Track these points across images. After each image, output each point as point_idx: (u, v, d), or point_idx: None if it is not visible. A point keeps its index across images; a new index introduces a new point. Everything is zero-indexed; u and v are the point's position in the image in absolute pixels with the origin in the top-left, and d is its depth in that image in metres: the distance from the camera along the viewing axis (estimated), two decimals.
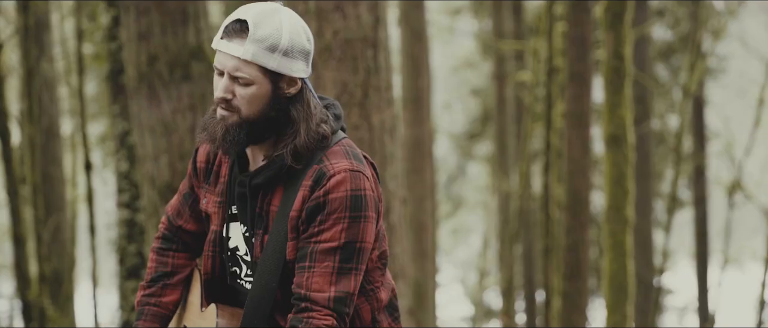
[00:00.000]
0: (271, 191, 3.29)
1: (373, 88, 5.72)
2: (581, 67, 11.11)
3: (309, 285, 3.21)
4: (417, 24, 13.09)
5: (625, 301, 8.91)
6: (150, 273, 3.55)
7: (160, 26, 6.59)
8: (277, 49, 3.18)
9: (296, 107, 3.25)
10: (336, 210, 3.20)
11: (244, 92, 3.21)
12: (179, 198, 3.56)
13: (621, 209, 8.88)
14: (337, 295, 3.21)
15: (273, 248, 3.26)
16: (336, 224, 3.20)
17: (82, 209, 17.26)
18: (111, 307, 15.69)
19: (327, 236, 3.20)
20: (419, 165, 12.75)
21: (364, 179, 3.24)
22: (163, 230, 3.59)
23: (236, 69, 3.19)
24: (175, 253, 3.56)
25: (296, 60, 3.22)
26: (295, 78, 3.24)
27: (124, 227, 10.46)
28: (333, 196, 3.20)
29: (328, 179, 3.21)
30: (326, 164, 3.23)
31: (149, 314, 3.52)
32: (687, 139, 20.21)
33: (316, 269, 3.21)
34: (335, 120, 3.33)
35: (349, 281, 3.23)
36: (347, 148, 3.29)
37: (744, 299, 24.45)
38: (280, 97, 3.24)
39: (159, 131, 6.59)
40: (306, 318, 3.20)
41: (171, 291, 3.54)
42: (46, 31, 13.70)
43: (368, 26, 5.71)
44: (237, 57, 3.18)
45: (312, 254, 3.21)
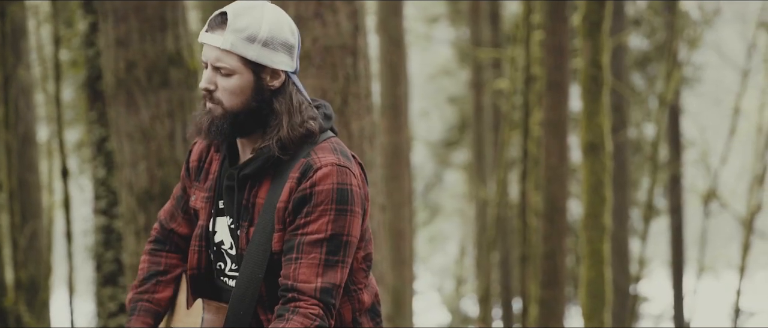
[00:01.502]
0: (259, 183, 3.33)
1: (353, 95, 5.73)
2: (559, 76, 11.15)
3: (296, 276, 3.24)
4: (395, 31, 13.12)
5: (602, 308, 8.94)
6: (142, 273, 3.57)
7: (138, 33, 6.59)
8: (256, 40, 3.23)
9: (278, 100, 3.29)
10: (322, 202, 3.24)
11: (226, 83, 3.26)
12: (172, 202, 3.60)
13: (598, 216, 8.92)
14: (324, 286, 3.24)
15: (259, 240, 3.29)
16: (322, 215, 3.24)
17: (58, 215, 17.18)
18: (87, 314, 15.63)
19: (313, 228, 3.24)
20: (397, 172, 12.78)
21: (350, 174, 3.27)
22: (155, 235, 3.61)
23: (217, 59, 3.25)
24: (167, 253, 3.58)
25: (277, 52, 3.27)
26: (278, 70, 3.29)
27: (101, 233, 10.44)
28: (319, 188, 3.24)
29: (315, 172, 3.25)
30: (313, 157, 3.27)
31: (142, 310, 3.53)
32: (663, 147, 20.30)
33: (303, 260, 3.24)
34: (325, 119, 3.37)
35: (335, 273, 3.26)
36: (335, 145, 3.33)
37: (719, 307, 24.57)
38: (263, 89, 3.28)
39: (137, 138, 6.58)
40: (293, 307, 3.23)
41: (164, 288, 3.56)
42: (22, 37, 13.64)
43: (348, 34, 5.72)
44: (217, 47, 3.24)
45: (299, 246, 3.25)
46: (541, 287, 11.35)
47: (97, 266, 10.55)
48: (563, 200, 11.39)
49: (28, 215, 13.05)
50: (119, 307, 10.37)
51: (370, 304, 3.46)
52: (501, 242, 18.96)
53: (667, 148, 20.95)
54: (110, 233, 10.34)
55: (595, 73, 8.89)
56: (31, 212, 13.19)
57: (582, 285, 9.13)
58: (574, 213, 19.27)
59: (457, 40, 24.63)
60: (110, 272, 10.36)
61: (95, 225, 10.59)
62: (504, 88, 17.21)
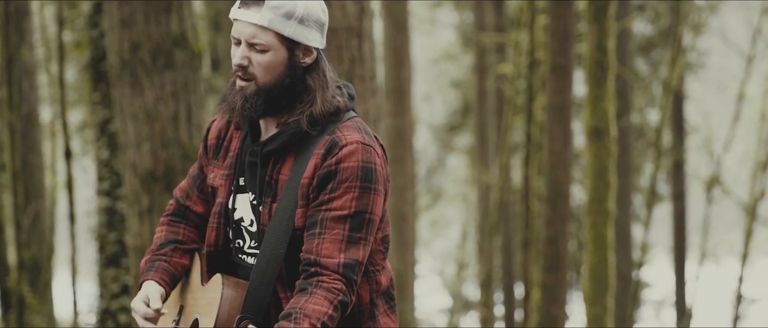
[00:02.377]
0: (282, 159, 3.34)
1: (358, 77, 5.73)
2: (563, 60, 11.12)
3: (319, 251, 3.26)
4: (399, 15, 13.10)
5: (605, 293, 8.94)
6: (159, 240, 3.55)
7: (143, 14, 6.58)
8: (292, 17, 3.27)
9: (312, 76, 3.32)
10: (347, 179, 3.25)
11: (261, 59, 3.28)
12: (188, 180, 3.60)
13: (603, 201, 8.91)
14: (347, 261, 3.26)
15: (282, 216, 3.30)
16: (347, 192, 3.25)
17: (61, 196, 17.19)
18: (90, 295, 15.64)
19: (337, 204, 3.26)
20: (401, 155, 12.77)
21: (374, 153, 3.30)
22: (171, 209, 3.61)
23: (253, 36, 3.27)
24: (185, 226, 3.59)
25: (311, 29, 3.30)
26: (311, 47, 3.32)
27: (104, 214, 10.44)
28: (344, 165, 3.25)
29: (341, 149, 3.26)
30: (338, 134, 3.29)
31: (160, 268, 3.50)
32: (666, 133, 20.28)
33: (326, 235, 3.26)
34: (349, 99, 3.40)
35: (358, 249, 3.28)
36: (359, 124, 3.35)
37: (721, 294, 24.58)
38: (296, 66, 3.31)
39: (141, 119, 6.58)
40: (316, 281, 3.24)
41: (182, 255, 3.55)
42: (26, 17, 13.63)
43: (353, 16, 5.72)
44: (254, 24, 3.26)
45: (322, 221, 3.26)
46: (544, 272, 11.35)
47: (100, 247, 10.56)
48: (566, 185, 11.38)
49: (31, 195, 13.06)
50: (122, 288, 10.38)
51: (385, 287, 3.47)
52: (503, 227, 18.95)
53: (671, 134, 20.93)
54: (113, 214, 10.35)
55: (600, 57, 8.88)
56: (34, 193, 13.20)
57: (585, 270, 9.13)
58: (577, 198, 19.26)
59: (461, 24, 24.59)
60: (113, 254, 10.37)
61: (98, 206, 10.60)
62: (508, 72, 17.19)
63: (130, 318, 10.24)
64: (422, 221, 28.73)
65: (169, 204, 3.63)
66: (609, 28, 8.93)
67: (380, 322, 3.45)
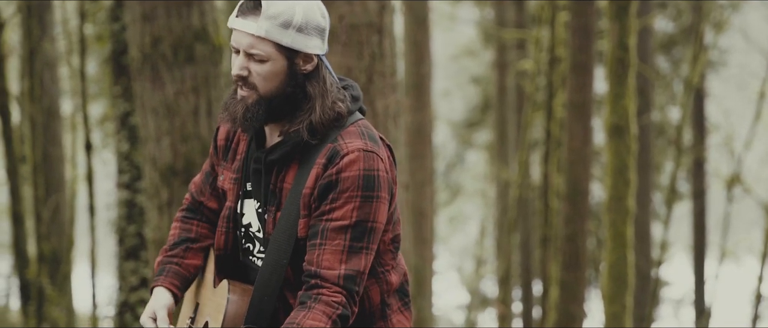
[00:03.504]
0: (286, 167, 3.31)
1: (378, 73, 5.72)
2: (584, 57, 11.08)
3: (319, 262, 3.22)
4: (420, 10, 13.08)
5: (624, 291, 8.91)
6: (173, 238, 3.56)
7: (164, 8, 6.58)
8: (290, 26, 3.21)
9: (312, 84, 3.27)
10: (348, 189, 3.21)
11: (260, 69, 3.24)
12: (201, 176, 3.60)
13: (622, 199, 8.88)
14: (347, 273, 3.22)
15: (285, 225, 3.27)
16: (347, 202, 3.21)
17: (81, 189, 17.25)
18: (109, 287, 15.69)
19: (338, 215, 3.22)
20: (420, 151, 12.76)
21: (377, 159, 3.25)
22: (186, 204, 3.61)
23: (251, 46, 3.22)
24: (199, 222, 3.58)
25: (311, 36, 3.24)
26: (311, 54, 3.27)
27: (123, 207, 10.47)
28: (345, 174, 3.21)
29: (342, 158, 3.22)
30: (340, 142, 3.25)
31: (171, 272, 3.50)
32: (687, 131, 20.21)
33: (326, 246, 3.22)
34: (353, 101, 3.35)
35: (359, 259, 3.24)
36: (363, 128, 3.30)
37: (740, 293, 24.49)
38: (296, 74, 3.26)
39: (162, 113, 6.58)
40: (315, 294, 3.21)
41: (194, 255, 3.55)
42: (48, 10, 13.67)
43: (374, 12, 5.71)
44: (251, 34, 3.21)
45: (323, 232, 3.23)
46: (562, 270, 11.32)
47: (119, 240, 10.60)
48: (586, 183, 11.35)
49: (51, 188, 13.11)
50: (141, 281, 10.41)
51: (398, 284, 3.45)
52: (522, 224, 18.92)
53: (691, 132, 20.85)
54: (133, 207, 10.38)
55: (621, 55, 8.85)
56: (54, 186, 13.25)
57: (604, 268, 9.10)
58: (596, 196, 19.21)
59: (482, 20, 24.55)
60: (132, 247, 10.40)
61: (118, 199, 10.63)
62: (528, 69, 17.15)
63: None
64: (441, 217, 28.72)
65: (185, 198, 3.63)
66: (630, 25, 8.89)
67: (393, 321, 3.43)
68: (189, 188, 3.63)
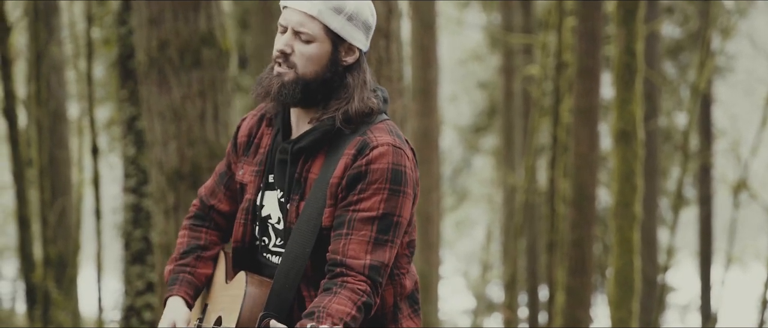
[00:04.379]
0: (312, 157, 3.33)
1: (385, 78, 5.72)
2: (591, 63, 11.06)
3: (345, 252, 3.24)
4: (427, 15, 13.08)
5: (631, 297, 8.89)
6: (181, 247, 3.56)
7: (171, 12, 6.58)
8: (342, 12, 3.27)
9: (352, 74, 3.32)
10: (377, 180, 3.24)
11: (304, 49, 3.27)
12: (214, 178, 3.60)
13: (629, 205, 8.87)
14: (373, 263, 3.24)
15: (309, 215, 3.29)
16: (376, 194, 3.24)
17: (88, 192, 17.25)
18: (115, 292, 15.70)
19: (366, 205, 3.24)
20: (427, 156, 12.75)
21: (405, 156, 3.28)
22: (194, 211, 3.61)
23: (300, 24, 3.26)
24: (207, 230, 3.59)
25: (357, 29, 3.30)
26: (354, 47, 3.31)
27: (130, 211, 10.47)
28: (375, 166, 3.24)
29: (372, 150, 3.25)
30: (370, 135, 3.28)
31: (184, 281, 3.51)
32: (694, 137, 20.18)
33: (353, 236, 3.24)
34: (383, 102, 3.39)
35: (384, 252, 3.26)
36: (391, 127, 3.34)
37: (746, 299, 24.45)
38: (338, 62, 3.30)
39: (168, 117, 6.58)
40: (341, 281, 3.23)
41: (204, 264, 3.55)
42: (55, 14, 13.70)
43: (381, 17, 5.71)
44: (303, 12, 3.26)
45: (350, 222, 3.25)
46: (569, 275, 11.30)
47: (125, 244, 10.60)
48: (592, 188, 11.32)
49: (57, 191, 13.12)
50: (147, 285, 10.41)
51: (410, 290, 3.46)
52: (528, 229, 18.91)
53: (698, 138, 20.83)
54: (139, 211, 10.38)
55: (628, 60, 8.83)
56: (60, 189, 13.26)
57: (611, 273, 9.08)
58: (603, 201, 19.19)
59: (489, 24, 24.55)
60: (138, 251, 10.40)
61: (124, 203, 10.63)
62: (535, 74, 17.14)
63: (154, 316, 10.27)
64: (447, 222, 28.71)
65: (193, 205, 3.63)
66: (637, 30, 8.88)
67: (403, 325, 3.44)
68: (198, 193, 3.63)
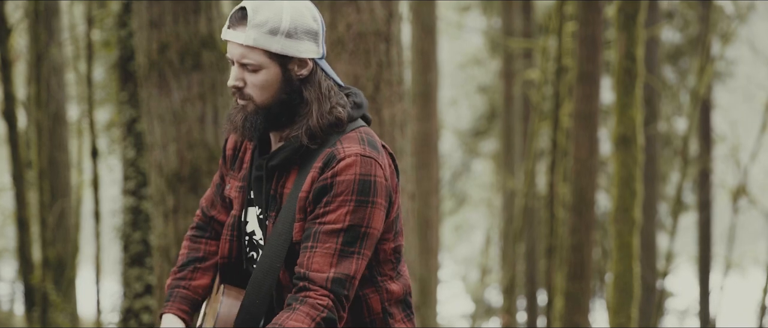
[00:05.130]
0: (286, 173, 3.30)
1: (385, 82, 5.71)
2: (591, 67, 11.07)
3: (309, 265, 3.20)
4: (427, 19, 13.07)
5: (630, 303, 8.89)
6: (182, 259, 3.55)
7: (171, 14, 6.57)
8: (278, 32, 3.19)
9: (308, 88, 3.25)
10: (342, 192, 3.19)
11: (254, 79, 3.22)
12: (212, 188, 3.59)
13: (628, 210, 8.86)
14: (336, 276, 3.20)
15: (281, 229, 3.26)
16: (341, 206, 3.19)
17: (87, 195, 17.26)
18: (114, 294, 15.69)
19: (331, 218, 3.20)
20: (426, 160, 12.74)
21: (375, 165, 3.22)
22: (197, 221, 3.60)
23: (242, 56, 3.20)
24: (207, 240, 3.57)
25: (302, 41, 3.22)
26: (305, 59, 3.24)
27: (129, 214, 10.47)
28: (340, 178, 3.19)
29: (338, 162, 3.20)
30: (338, 147, 3.23)
31: (178, 297, 3.50)
32: (693, 142, 20.18)
33: (317, 249, 3.20)
34: (354, 107, 3.32)
35: (350, 264, 3.21)
36: (363, 134, 3.28)
37: (745, 304, 24.44)
38: (292, 80, 3.24)
39: (168, 120, 6.57)
40: (303, 297, 3.19)
41: (201, 275, 3.54)
42: (55, 16, 13.69)
43: (381, 20, 5.70)
44: (240, 44, 3.20)
45: (315, 235, 3.21)
46: (567, 280, 11.30)
47: (124, 246, 10.59)
48: (592, 193, 11.32)
49: (56, 193, 13.12)
50: (145, 287, 10.40)
51: (402, 295, 3.42)
52: (527, 233, 18.90)
53: (698, 143, 20.83)
54: (138, 213, 10.37)
55: (629, 65, 8.83)
56: (60, 191, 13.25)
57: (610, 279, 9.08)
58: (602, 206, 19.19)
59: (489, 29, 24.55)
60: (137, 253, 10.40)
61: (123, 206, 10.63)
62: (534, 78, 17.14)
63: (153, 318, 10.26)
64: (446, 226, 28.70)
65: (196, 214, 3.62)
66: (638, 35, 8.88)
67: None
68: (200, 203, 3.62)
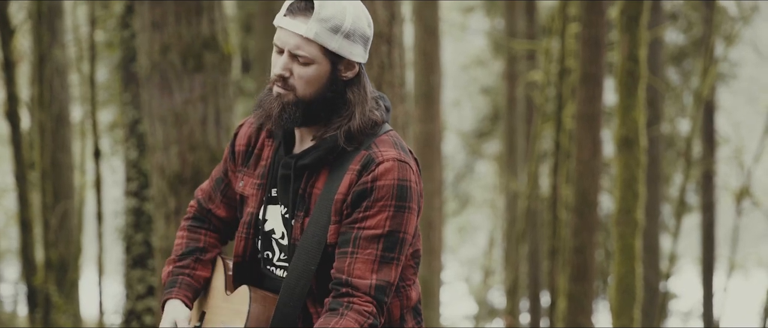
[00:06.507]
0: (316, 173, 3.27)
1: (387, 83, 5.71)
2: (594, 69, 11.06)
3: (351, 271, 3.18)
4: (430, 20, 13.07)
5: (632, 304, 8.88)
6: (180, 248, 3.51)
7: (174, 16, 6.57)
8: (339, 31, 3.17)
9: (353, 90, 3.24)
10: (383, 197, 3.18)
11: (303, 72, 3.20)
12: (211, 183, 3.54)
13: (631, 212, 8.85)
14: (379, 283, 3.19)
15: (314, 231, 3.23)
16: (381, 211, 3.18)
17: (89, 196, 17.26)
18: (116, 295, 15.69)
19: (372, 223, 3.18)
20: (429, 161, 12.74)
21: (410, 170, 3.22)
22: (192, 212, 3.56)
23: (297, 47, 3.18)
24: (206, 231, 3.54)
25: (356, 44, 3.21)
26: (354, 62, 3.23)
27: (131, 215, 10.47)
28: (380, 183, 3.18)
29: (377, 166, 3.19)
30: (375, 150, 3.21)
31: (183, 283, 3.46)
32: (696, 144, 20.16)
33: (359, 255, 3.18)
34: (386, 112, 3.32)
35: (390, 270, 3.20)
36: (395, 139, 3.27)
37: (748, 306, 24.41)
38: (337, 79, 3.22)
39: (170, 121, 6.57)
40: (347, 302, 3.17)
41: (203, 267, 3.50)
42: (58, 17, 13.69)
43: (383, 22, 5.70)
44: (300, 35, 3.17)
45: (355, 240, 3.19)
46: (570, 281, 11.28)
47: (126, 247, 10.60)
48: (595, 195, 11.32)
49: (59, 194, 13.11)
50: (148, 289, 10.40)
51: (415, 302, 3.42)
52: (530, 235, 18.89)
53: (701, 145, 20.81)
54: (140, 215, 10.38)
55: (631, 67, 8.82)
56: (62, 192, 13.25)
57: (612, 281, 9.07)
58: (605, 207, 19.17)
59: (492, 30, 24.54)
60: (139, 255, 10.40)
61: (126, 207, 10.63)
62: (538, 80, 17.13)
63: (155, 320, 10.25)
64: (449, 227, 28.69)
65: (190, 206, 3.57)
66: (641, 37, 8.87)
67: None
68: (195, 195, 3.58)
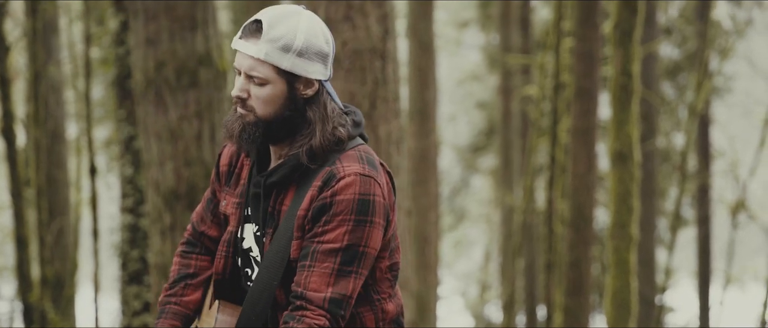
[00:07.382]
0: (284, 190, 3.30)
1: (381, 99, 5.72)
2: (588, 83, 11.10)
3: (306, 284, 3.21)
4: (425, 36, 13.09)
5: (627, 318, 8.89)
6: (173, 276, 3.56)
7: (168, 32, 6.58)
8: (290, 50, 3.20)
9: (312, 109, 3.26)
10: (341, 212, 3.20)
11: (259, 92, 3.23)
12: (203, 204, 3.59)
13: (625, 226, 8.87)
14: (333, 296, 3.21)
15: (278, 247, 3.27)
16: (340, 225, 3.20)
17: (85, 212, 17.25)
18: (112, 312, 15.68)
19: (330, 237, 3.20)
20: (424, 177, 12.74)
21: (374, 184, 3.23)
22: (187, 236, 3.61)
23: (251, 68, 3.21)
24: (198, 255, 3.57)
25: (312, 61, 3.23)
26: (312, 79, 3.25)
27: (127, 232, 10.46)
28: (340, 198, 3.20)
29: (338, 181, 3.21)
30: (337, 166, 3.24)
31: (170, 312, 3.51)
32: (691, 157, 20.18)
33: (315, 268, 3.21)
34: (354, 126, 3.34)
35: (347, 283, 3.22)
36: (362, 153, 3.29)
37: (745, 319, 24.41)
38: (296, 98, 3.25)
39: (165, 137, 6.58)
40: (299, 316, 3.20)
41: (192, 291, 3.54)
42: (53, 34, 13.71)
43: (377, 37, 5.71)
44: (251, 56, 3.21)
45: (313, 254, 3.21)
46: (566, 295, 11.30)
47: (122, 264, 10.58)
48: (590, 209, 11.33)
49: (55, 211, 13.11)
50: (144, 305, 10.39)
51: (394, 315, 3.42)
52: (526, 249, 18.89)
53: (696, 158, 20.83)
54: (136, 231, 10.37)
55: (625, 81, 8.86)
56: (58, 209, 13.25)
57: (608, 295, 9.08)
58: (600, 221, 19.18)
59: (487, 45, 24.58)
60: (135, 271, 10.39)
61: (122, 223, 10.62)
62: (533, 94, 17.15)
63: None
64: (445, 242, 28.68)
65: (187, 229, 3.63)
66: (634, 52, 8.91)
67: None
68: (191, 218, 3.64)
